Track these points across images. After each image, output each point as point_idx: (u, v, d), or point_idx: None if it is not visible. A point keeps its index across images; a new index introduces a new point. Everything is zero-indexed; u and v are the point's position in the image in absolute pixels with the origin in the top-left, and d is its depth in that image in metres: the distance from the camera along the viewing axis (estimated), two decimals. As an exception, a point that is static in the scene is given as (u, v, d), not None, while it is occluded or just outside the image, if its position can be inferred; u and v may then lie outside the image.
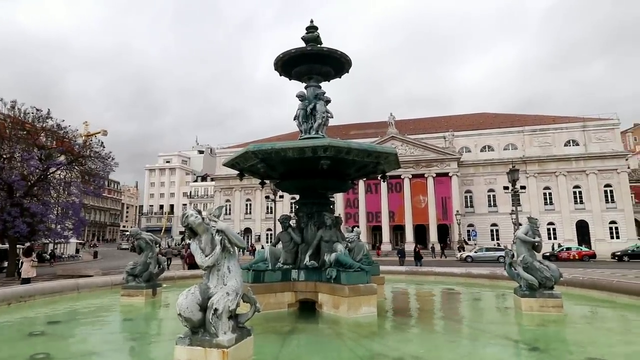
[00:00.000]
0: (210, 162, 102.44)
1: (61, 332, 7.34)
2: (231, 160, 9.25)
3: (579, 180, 52.74)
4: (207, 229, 5.03)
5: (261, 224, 65.15)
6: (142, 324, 8.43)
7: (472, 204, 56.42)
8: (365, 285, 8.16)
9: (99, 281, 13.07)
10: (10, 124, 29.95)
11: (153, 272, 10.87)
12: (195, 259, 5.05)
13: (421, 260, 31.96)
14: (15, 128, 30.09)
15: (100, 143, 35.94)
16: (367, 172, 10.62)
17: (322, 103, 9.87)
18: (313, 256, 9.06)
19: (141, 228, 57.90)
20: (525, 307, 8.36)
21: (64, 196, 33.77)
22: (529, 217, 9.32)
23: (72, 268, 32.41)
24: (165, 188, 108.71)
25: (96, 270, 25.54)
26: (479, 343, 6.65)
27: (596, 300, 10.02)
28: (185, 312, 4.69)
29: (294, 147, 8.19)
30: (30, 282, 16.92)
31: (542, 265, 8.62)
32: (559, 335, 7.09)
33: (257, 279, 8.67)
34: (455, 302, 11.37)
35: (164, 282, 11.91)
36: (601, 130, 52.87)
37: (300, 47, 9.65)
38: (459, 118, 66.73)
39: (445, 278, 15.00)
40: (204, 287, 4.89)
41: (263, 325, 7.03)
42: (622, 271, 27.20)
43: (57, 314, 8.98)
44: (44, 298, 10.42)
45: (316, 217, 9.54)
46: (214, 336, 4.63)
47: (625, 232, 50.01)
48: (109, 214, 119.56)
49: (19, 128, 30.29)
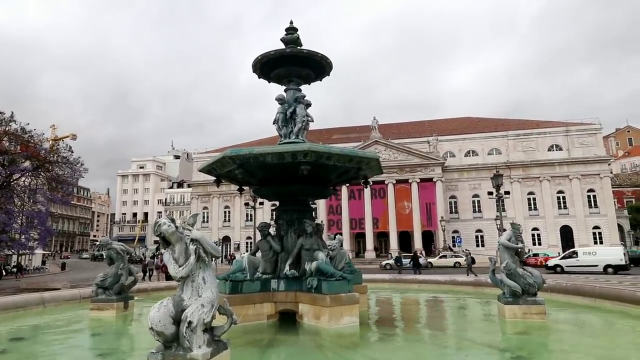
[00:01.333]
0: (186, 168, 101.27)
1: (24, 350, 7.14)
2: (208, 165, 9.18)
3: (562, 185, 54.06)
4: (181, 238, 4.97)
5: (240, 232, 64.56)
6: (112, 339, 8.25)
7: (456, 210, 57.20)
8: (347, 294, 8.17)
9: (66, 294, 12.73)
10: (-30, 128, 29.12)
11: (124, 283, 10.64)
12: (169, 269, 4.99)
13: (420, 268, 30.55)
14: (-25, 132, 29.27)
15: (69, 148, 35.26)
16: (349, 178, 10.67)
17: (302, 107, 9.88)
18: (293, 265, 9.02)
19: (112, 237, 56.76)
20: (508, 314, 8.50)
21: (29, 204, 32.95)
22: (512, 222, 9.50)
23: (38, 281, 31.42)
24: (139, 195, 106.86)
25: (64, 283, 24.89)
26: (463, 352, 6.74)
27: (580, 306, 10.24)
28: (157, 326, 4.61)
29: (273, 152, 8.18)
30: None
31: (525, 271, 8.79)
32: (542, 342, 7.22)
33: (235, 290, 8.59)
34: (439, 311, 11.48)
35: (136, 294, 11.69)
36: (584, 135, 54.40)
37: (279, 49, 9.65)
38: (443, 122, 67.73)
39: (429, 286, 15.13)
40: (178, 299, 4.83)
41: (241, 337, 6.97)
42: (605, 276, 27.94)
43: (21, 330, 8.72)
44: (7, 313, 10.07)
45: (296, 224, 9.52)
46: (188, 350, 4.57)
47: (609, 238, 51.39)
48: (79, 223, 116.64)
49: (-20, 132, 29.49)
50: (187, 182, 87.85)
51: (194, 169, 67.55)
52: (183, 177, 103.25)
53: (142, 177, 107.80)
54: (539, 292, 8.83)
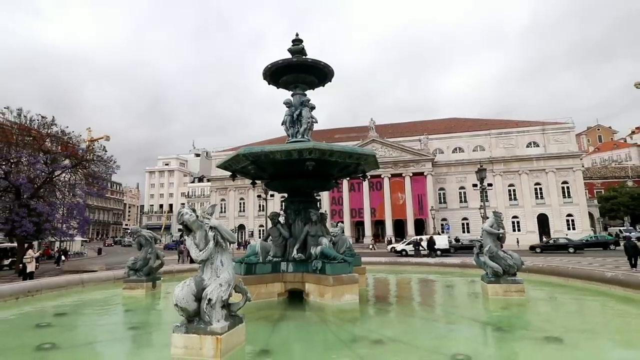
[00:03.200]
0: (206, 165, 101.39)
1: (66, 324, 7.21)
2: (224, 162, 9.18)
3: (539, 178, 53.68)
4: (201, 226, 5.00)
5: (254, 220, 64.76)
6: (142, 315, 8.32)
7: (445, 200, 56.95)
8: (348, 275, 8.19)
9: (102, 276, 12.84)
10: (17, 131, 29.28)
11: (153, 266, 10.76)
12: (191, 253, 5.02)
13: (435, 252, 29.87)
14: (22, 134, 29.44)
15: (103, 147, 35.37)
16: (349, 172, 10.64)
17: (307, 109, 9.84)
18: (300, 249, 9.05)
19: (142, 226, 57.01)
20: (491, 292, 8.51)
21: (69, 197, 33.14)
22: (494, 211, 9.46)
23: (77, 264, 31.79)
24: (164, 189, 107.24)
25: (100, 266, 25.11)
26: (451, 325, 6.73)
27: (554, 285, 10.22)
28: (181, 303, 4.66)
29: (282, 150, 8.17)
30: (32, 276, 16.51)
31: (505, 254, 8.77)
32: (520, 316, 7.23)
33: (249, 271, 8.64)
34: (429, 289, 11.48)
35: (163, 275, 11.77)
36: (558, 133, 53.88)
37: (287, 59, 9.59)
38: (433, 123, 67.33)
39: (420, 267, 15.12)
40: (199, 279, 4.86)
41: (255, 313, 7.01)
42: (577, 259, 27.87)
43: (63, 306, 8.80)
44: (51, 292, 10.20)
45: (303, 213, 9.53)
46: (208, 324, 4.61)
47: (580, 224, 51.10)
48: (112, 213, 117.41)
49: (26, 134, 29.66)
50: (206, 177, 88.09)
51: (212, 166, 67.61)
52: (203, 172, 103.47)
53: (167, 173, 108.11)
54: (518, 272, 8.83)
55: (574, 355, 4.90)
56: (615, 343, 5.57)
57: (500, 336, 5.91)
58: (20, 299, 9.29)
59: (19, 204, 27.01)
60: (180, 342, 4.62)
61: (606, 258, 27.81)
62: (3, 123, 29.59)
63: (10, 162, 28.57)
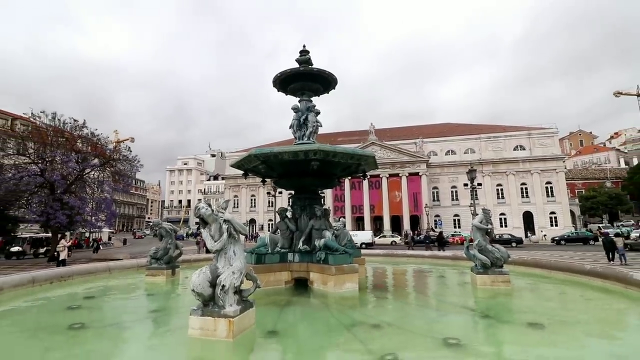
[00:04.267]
0: (220, 164, 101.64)
1: (95, 306, 7.28)
2: (237, 162, 9.20)
3: (525, 179, 53.21)
4: (216, 219, 5.02)
5: (264, 215, 64.80)
6: (162, 299, 8.38)
7: (438, 198, 56.64)
8: (349, 265, 8.18)
9: (127, 263, 12.93)
10: (51, 133, 29.55)
11: (172, 255, 10.82)
12: (206, 244, 5.05)
13: (444, 246, 28.37)
14: (56, 136, 29.71)
15: (128, 148, 35.60)
16: (351, 172, 10.63)
17: (313, 114, 9.83)
18: (306, 242, 9.05)
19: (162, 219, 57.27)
20: (479, 282, 8.47)
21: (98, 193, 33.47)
22: (483, 208, 9.41)
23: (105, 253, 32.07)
24: (183, 186, 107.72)
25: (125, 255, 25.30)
26: (442, 312, 6.72)
27: (537, 276, 10.13)
28: (197, 288, 4.69)
29: (289, 151, 8.17)
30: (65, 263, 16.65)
31: (493, 247, 8.72)
32: (506, 305, 7.17)
33: (259, 261, 8.66)
34: (423, 279, 11.42)
35: (181, 263, 11.84)
36: (543, 137, 53.38)
37: (294, 68, 9.58)
38: (428, 127, 66.89)
39: (415, 259, 15.03)
40: (214, 267, 4.89)
41: (264, 299, 7.04)
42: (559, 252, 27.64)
43: (92, 290, 8.89)
44: (81, 278, 10.31)
45: (308, 209, 9.53)
46: (221, 308, 4.64)
47: (562, 221, 50.64)
48: (136, 208, 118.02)
49: (59, 136, 29.93)
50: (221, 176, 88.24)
51: (226, 165, 67.81)
52: (218, 171, 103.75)
53: (186, 171, 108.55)
54: (505, 264, 8.78)
55: (554, 340, 4.87)
56: (591, 329, 5.53)
57: (487, 322, 5.88)
58: (54, 283, 9.40)
59: (53, 198, 27.31)
60: (196, 324, 4.66)
61: (586, 252, 27.55)
62: (39, 125, 29.88)
63: (46, 161, 28.85)
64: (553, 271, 9.99)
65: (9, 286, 8.16)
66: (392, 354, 4.20)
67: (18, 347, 4.83)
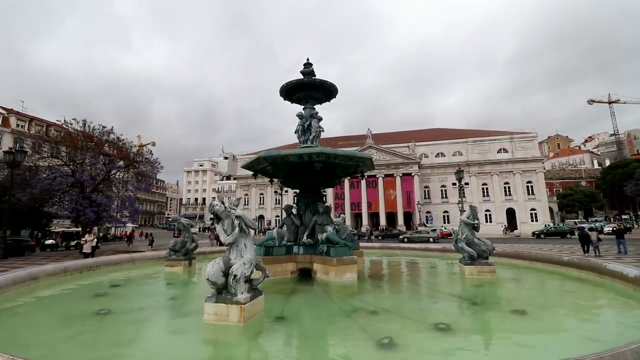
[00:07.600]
0: (232, 166, 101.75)
1: (119, 293, 7.30)
2: (247, 164, 9.20)
3: (508, 178, 52.94)
4: (229, 215, 5.01)
5: (271, 212, 64.83)
6: (180, 287, 8.38)
7: (429, 196, 56.42)
8: (349, 257, 8.16)
9: (148, 255, 12.95)
10: (82, 138, 29.69)
11: (189, 248, 10.82)
12: (220, 237, 5.04)
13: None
14: (85, 140, 29.84)
15: (150, 151, 35.69)
16: (350, 172, 10.59)
17: (316, 120, 9.80)
18: (309, 235, 9.04)
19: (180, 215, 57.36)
20: (467, 272, 8.42)
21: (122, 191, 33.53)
22: (470, 205, 9.36)
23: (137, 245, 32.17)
24: (199, 185, 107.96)
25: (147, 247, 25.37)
26: (433, 299, 6.68)
27: (520, 267, 10.05)
28: (212, 278, 4.68)
29: (295, 153, 8.16)
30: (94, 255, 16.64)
31: (480, 241, 8.67)
32: (492, 293, 7.12)
33: (267, 253, 8.65)
34: (416, 269, 11.37)
35: (197, 255, 11.84)
36: (524, 141, 53.10)
37: (299, 79, 9.56)
38: (419, 132, 66.71)
39: (408, 251, 14.94)
40: (226, 258, 4.88)
41: (272, 287, 7.02)
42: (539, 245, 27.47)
43: (117, 279, 8.91)
44: (107, 268, 10.33)
45: (312, 206, 9.51)
46: (233, 295, 4.63)
47: (542, 217, 50.30)
48: (157, 205, 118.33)
49: (89, 140, 30.06)
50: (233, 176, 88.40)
51: (238, 166, 67.82)
52: (230, 172, 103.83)
53: (201, 172, 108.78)
54: (490, 256, 8.73)
55: (535, 324, 4.82)
56: (569, 315, 5.48)
57: (474, 309, 5.84)
58: (83, 272, 9.43)
59: (83, 197, 27.45)
60: (211, 310, 4.66)
61: (564, 245, 27.37)
62: (71, 131, 30.02)
63: (76, 163, 29.02)
64: (534, 262, 9.92)
65: (44, 275, 8.19)
66: (388, 338, 4.17)
67: (53, 330, 4.84)
